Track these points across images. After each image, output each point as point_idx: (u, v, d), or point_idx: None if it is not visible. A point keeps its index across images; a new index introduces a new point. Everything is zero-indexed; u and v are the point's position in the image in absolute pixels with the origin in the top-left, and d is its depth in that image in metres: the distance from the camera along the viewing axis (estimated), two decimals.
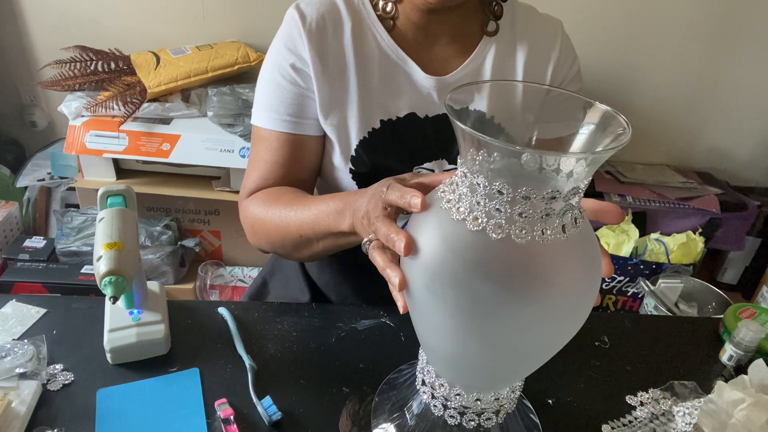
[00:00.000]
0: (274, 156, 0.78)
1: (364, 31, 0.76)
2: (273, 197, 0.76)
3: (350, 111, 0.76)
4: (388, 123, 0.77)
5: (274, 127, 0.77)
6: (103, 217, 0.65)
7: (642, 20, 1.87)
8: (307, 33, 0.73)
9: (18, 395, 0.62)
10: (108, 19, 1.83)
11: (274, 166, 0.78)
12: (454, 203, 0.47)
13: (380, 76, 0.76)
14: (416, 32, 0.77)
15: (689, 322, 0.89)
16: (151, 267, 1.66)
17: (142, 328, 0.70)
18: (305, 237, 0.70)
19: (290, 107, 0.76)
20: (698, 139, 2.08)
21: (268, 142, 0.78)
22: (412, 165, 0.79)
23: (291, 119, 0.77)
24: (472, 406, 0.56)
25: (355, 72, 0.75)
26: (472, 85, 0.51)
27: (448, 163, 0.81)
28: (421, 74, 0.77)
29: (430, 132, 0.79)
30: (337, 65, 0.75)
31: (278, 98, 0.76)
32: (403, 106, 0.78)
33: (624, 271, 1.78)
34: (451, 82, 0.77)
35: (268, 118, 0.77)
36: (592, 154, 0.44)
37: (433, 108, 0.78)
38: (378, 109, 0.77)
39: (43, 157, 1.95)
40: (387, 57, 0.76)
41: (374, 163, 0.78)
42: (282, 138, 0.77)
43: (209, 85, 1.69)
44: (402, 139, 0.78)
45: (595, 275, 0.48)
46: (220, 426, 0.62)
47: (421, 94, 0.78)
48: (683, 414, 0.68)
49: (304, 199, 0.72)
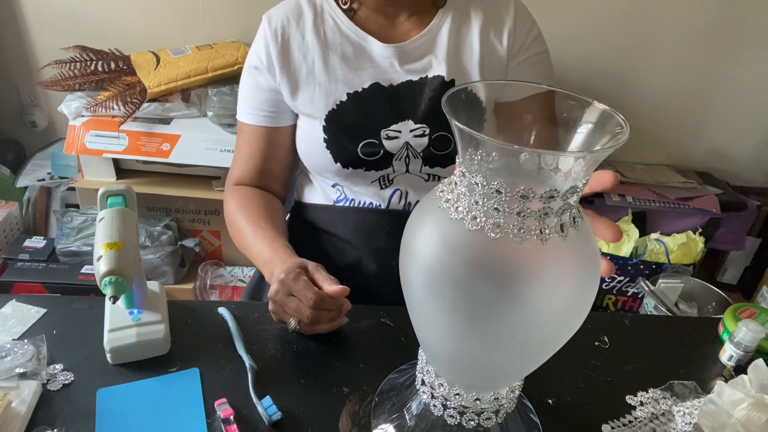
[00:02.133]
0: (251, 147, 0.92)
1: (326, 19, 0.86)
2: (245, 203, 0.89)
3: (316, 89, 0.85)
4: (353, 95, 0.85)
5: (248, 120, 0.90)
6: (103, 217, 0.65)
7: (642, 20, 1.87)
8: (273, 35, 0.85)
9: (18, 395, 0.62)
10: (108, 19, 1.83)
11: (249, 157, 0.92)
12: (452, 203, 0.47)
13: (342, 55, 0.85)
14: (377, 17, 0.86)
15: (689, 322, 0.89)
16: (151, 267, 1.66)
17: (142, 328, 0.70)
18: (247, 256, 0.87)
19: (259, 103, 0.89)
20: (698, 139, 2.08)
21: (245, 135, 0.92)
22: (379, 128, 0.86)
23: (261, 114, 0.89)
24: (471, 405, 0.56)
25: (319, 54, 0.85)
26: (471, 84, 0.51)
27: (414, 123, 0.85)
28: (380, 45, 0.85)
29: (394, 98, 0.86)
30: (301, 52, 0.85)
31: (249, 95, 0.90)
32: (367, 78, 0.85)
33: (624, 271, 1.78)
34: (408, 48, 0.85)
35: (244, 111, 0.91)
36: (590, 153, 0.44)
37: (395, 77, 0.86)
38: (343, 84, 0.85)
39: (43, 157, 1.95)
40: (347, 38, 0.85)
41: (344, 131, 0.86)
42: (255, 131, 0.90)
43: (209, 85, 1.69)
44: (368, 106, 0.85)
45: (593, 274, 0.48)
46: (220, 426, 0.62)
47: (383, 65, 0.86)
48: (683, 414, 0.68)
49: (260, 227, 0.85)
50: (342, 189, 0.91)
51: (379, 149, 0.85)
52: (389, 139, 0.85)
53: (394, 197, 0.90)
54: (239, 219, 0.88)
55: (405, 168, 0.88)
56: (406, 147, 0.86)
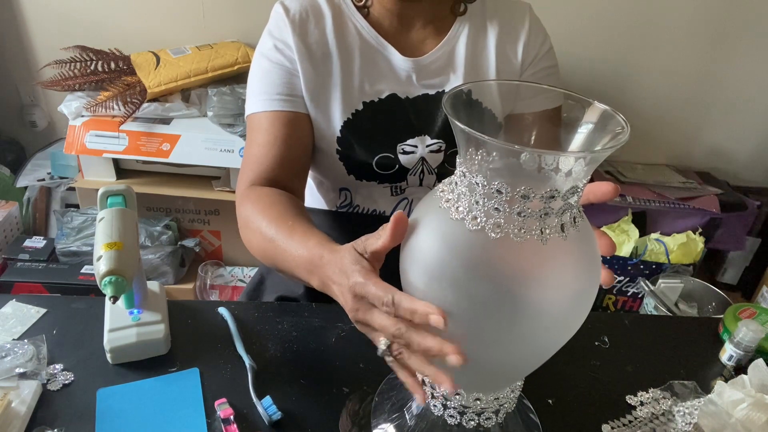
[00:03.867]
0: (268, 137, 0.79)
1: (345, 22, 0.82)
2: (265, 202, 0.73)
3: (333, 95, 0.81)
4: (370, 104, 0.82)
5: (266, 107, 0.80)
6: (103, 217, 0.65)
7: (642, 20, 1.87)
8: (291, 22, 0.79)
9: (18, 395, 0.62)
10: (108, 19, 1.83)
11: (267, 147, 0.79)
12: (453, 203, 0.47)
13: (361, 61, 0.82)
14: (391, 18, 0.83)
15: (689, 322, 0.89)
16: (151, 267, 1.66)
17: (142, 328, 0.70)
18: (277, 266, 0.69)
19: (279, 86, 0.80)
20: (698, 139, 2.08)
21: (261, 125, 0.80)
22: (395, 142, 0.83)
23: (280, 97, 0.80)
24: (471, 405, 0.56)
25: (338, 59, 0.81)
26: (471, 84, 0.51)
27: (430, 138, 0.84)
28: (400, 57, 0.82)
29: (411, 111, 0.83)
30: (320, 52, 0.80)
31: (267, 81, 0.81)
32: (385, 89, 0.82)
33: (624, 271, 1.78)
34: (426, 63, 0.83)
35: (259, 101, 0.81)
36: (590, 153, 0.44)
37: (412, 89, 0.83)
38: (360, 92, 0.82)
39: (43, 157, 1.95)
40: (367, 44, 0.82)
41: (359, 143, 0.82)
42: (274, 117, 0.80)
43: (209, 85, 1.69)
44: (385, 118, 0.82)
45: (593, 274, 0.48)
46: (220, 426, 0.62)
47: (401, 77, 0.83)
48: (683, 414, 0.68)
49: (286, 226, 0.67)
50: (349, 195, 0.90)
51: (394, 163, 0.84)
52: (405, 154, 0.84)
53: (399, 206, 0.89)
54: (260, 221, 0.70)
55: (419, 182, 0.87)
56: (422, 162, 0.85)
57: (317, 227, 0.75)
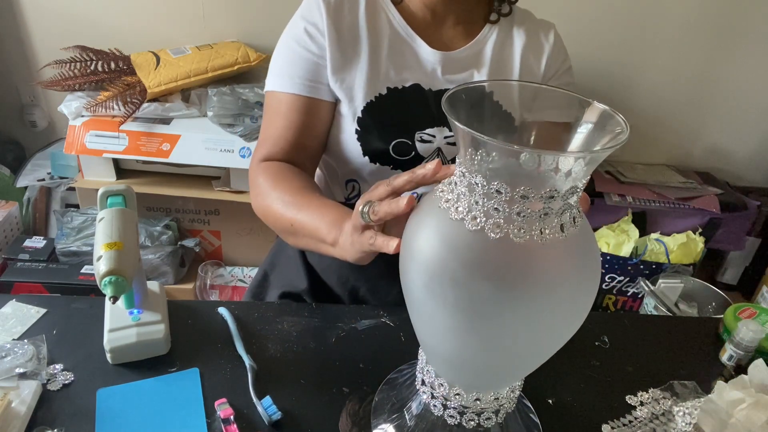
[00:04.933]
0: (285, 120, 0.82)
1: (378, 10, 0.84)
2: (281, 176, 0.79)
3: (359, 76, 0.82)
4: (394, 90, 0.84)
5: (287, 89, 0.82)
6: (103, 217, 0.65)
7: (642, 20, 1.87)
8: (326, 6, 0.81)
9: (18, 395, 0.62)
10: (108, 19, 1.83)
11: (283, 131, 0.82)
12: (452, 203, 0.47)
13: (390, 49, 0.84)
14: (425, 12, 0.85)
15: (689, 322, 0.89)
16: (151, 267, 1.66)
17: (142, 328, 0.70)
18: (295, 228, 0.74)
19: (302, 71, 0.82)
20: (698, 139, 2.08)
21: (279, 106, 0.83)
22: (414, 130, 0.84)
23: (302, 82, 0.82)
24: (471, 405, 0.56)
25: (367, 43, 0.82)
26: (469, 85, 0.51)
27: (449, 130, 0.85)
28: (428, 49, 0.84)
29: (432, 103, 0.84)
30: (351, 36, 0.82)
31: (291, 63, 0.82)
32: (409, 78, 0.84)
33: (624, 271, 1.78)
34: (455, 57, 0.85)
35: (282, 82, 0.82)
36: (590, 153, 0.44)
37: (436, 82, 0.85)
38: (385, 78, 0.83)
39: (43, 157, 1.95)
40: (397, 33, 0.84)
41: (379, 125, 0.83)
42: (293, 100, 0.82)
43: (209, 85, 1.69)
44: (406, 106, 0.84)
45: (593, 274, 0.48)
46: (220, 426, 0.62)
47: (427, 69, 0.85)
48: (683, 414, 0.68)
49: (308, 194, 0.75)
50: (357, 186, 0.90)
51: (411, 150, 0.85)
52: (423, 142, 0.85)
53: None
54: (278, 191, 0.76)
55: None
56: (438, 153, 0.85)
57: None
